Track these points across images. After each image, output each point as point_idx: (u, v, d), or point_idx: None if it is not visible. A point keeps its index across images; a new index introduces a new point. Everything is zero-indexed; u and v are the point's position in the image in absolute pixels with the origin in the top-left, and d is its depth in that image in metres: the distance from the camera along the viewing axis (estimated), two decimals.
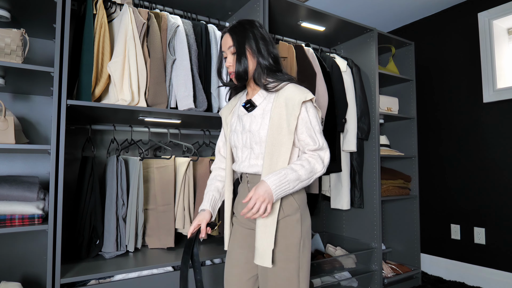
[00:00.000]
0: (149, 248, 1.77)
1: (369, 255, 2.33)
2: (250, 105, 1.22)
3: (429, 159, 2.90)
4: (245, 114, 1.24)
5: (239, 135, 1.23)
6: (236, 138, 1.25)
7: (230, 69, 1.21)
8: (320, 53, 2.44)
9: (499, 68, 2.51)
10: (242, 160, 1.22)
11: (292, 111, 1.13)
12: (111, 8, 1.64)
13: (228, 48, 1.21)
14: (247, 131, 1.20)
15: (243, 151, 1.22)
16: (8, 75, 1.43)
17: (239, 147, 1.24)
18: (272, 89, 1.19)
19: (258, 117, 1.19)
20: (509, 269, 2.35)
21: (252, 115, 1.21)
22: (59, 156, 1.34)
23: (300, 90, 1.16)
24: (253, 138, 1.18)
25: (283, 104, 1.14)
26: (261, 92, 1.24)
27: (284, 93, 1.17)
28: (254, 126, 1.18)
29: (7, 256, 1.66)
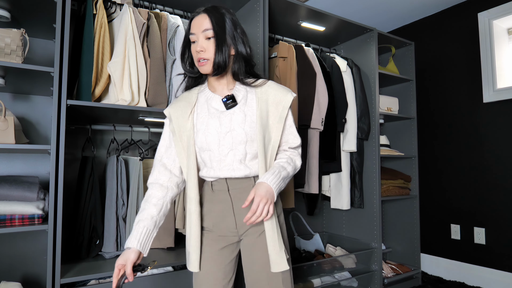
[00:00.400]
0: (149, 248, 1.77)
1: (369, 255, 2.33)
2: (232, 100, 1.08)
3: (429, 159, 2.90)
4: (222, 111, 1.08)
5: (214, 135, 1.06)
6: (211, 139, 1.06)
7: (203, 55, 1.03)
8: (320, 53, 2.44)
9: (499, 68, 2.51)
10: (224, 164, 1.07)
11: (282, 112, 1.09)
12: (111, 8, 1.64)
13: (203, 31, 1.03)
14: (229, 130, 1.06)
15: (221, 153, 1.06)
16: (8, 75, 1.43)
17: (214, 149, 1.06)
18: (252, 84, 1.11)
19: (240, 114, 1.07)
20: (509, 269, 2.35)
21: (234, 112, 1.07)
22: (59, 156, 1.34)
23: (285, 89, 1.12)
24: (237, 138, 1.05)
25: (269, 103, 1.09)
26: (238, 87, 1.12)
27: (268, 90, 1.11)
28: (238, 124, 1.06)
29: (7, 256, 1.66)
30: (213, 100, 1.11)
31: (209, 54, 1.03)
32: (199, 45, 1.03)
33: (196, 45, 1.04)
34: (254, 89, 1.11)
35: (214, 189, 1.11)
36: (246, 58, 1.10)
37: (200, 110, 1.11)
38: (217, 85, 1.12)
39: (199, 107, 1.12)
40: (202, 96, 1.14)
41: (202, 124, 1.08)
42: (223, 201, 1.10)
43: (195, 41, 1.05)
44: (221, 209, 1.10)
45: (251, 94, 1.11)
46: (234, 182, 1.09)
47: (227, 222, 1.10)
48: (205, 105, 1.11)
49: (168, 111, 1.14)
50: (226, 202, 1.09)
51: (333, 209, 2.70)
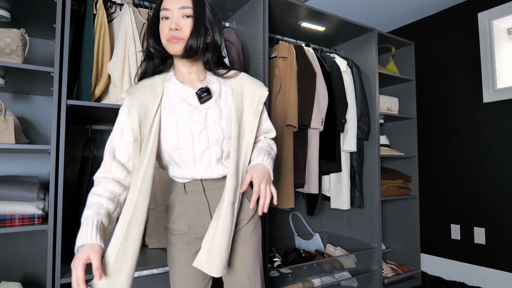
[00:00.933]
0: (149, 248, 1.77)
1: (369, 255, 2.33)
2: (207, 93, 0.97)
3: (429, 159, 2.90)
4: (196, 105, 0.97)
5: (187, 133, 0.95)
6: (184, 138, 0.95)
7: (177, 33, 0.92)
8: (320, 53, 2.44)
9: (499, 68, 2.51)
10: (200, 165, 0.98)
11: (258, 107, 1.03)
12: (111, 8, 1.64)
13: (180, 8, 0.92)
14: (204, 127, 0.95)
15: (196, 152, 0.96)
16: (8, 75, 1.43)
17: (187, 149, 0.96)
18: (225, 75, 1.03)
19: (215, 109, 0.98)
20: (509, 269, 2.35)
21: (209, 107, 0.97)
22: (59, 156, 1.34)
23: (259, 83, 1.07)
24: (213, 136, 0.96)
25: (245, 96, 1.03)
26: (211, 78, 1.03)
27: (242, 82, 1.04)
28: (213, 120, 0.96)
29: (7, 256, 1.66)
30: (184, 92, 0.98)
31: (184, 33, 0.93)
32: (174, 22, 0.92)
33: (170, 22, 0.93)
34: (228, 81, 1.04)
35: (187, 191, 1.02)
36: (219, 49, 1.02)
37: (168, 104, 0.97)
38: (186, 73, 1.01)
39: (167, 100, 0.98)
40: (169, 87, 1.00)
41: (172, 120, 0.95)
42: (198, 202, 1.02)
43: (168, 17, 0.94)
44: (196, 211, 1.02)
45: (224, 87, 1.03)
46: (210, 182, 1.01)
47: (203, 224, 1.02)
48: (174, 97, 0.98)
49: (130, 101, 0.94)
50: (202, 203, 1.02)
51: (333, 209, 2.70)
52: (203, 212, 1.03)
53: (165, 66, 1.05)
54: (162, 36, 0.95)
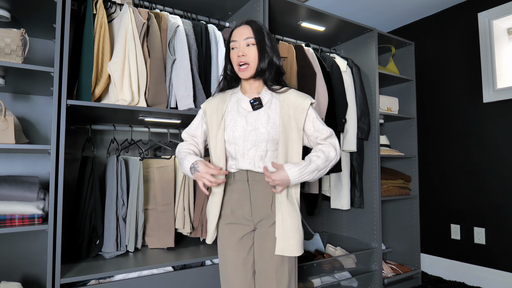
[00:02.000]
0: (149, 248, 1.77)
1: (369, 255, 2.33)
2: (258, 103, 1.23)
3: (429, 159, 2.90)
4: (250, 111, 1.24)
5: (240, 131, 1.21)
6: (237, 134, 1.21)
7: (243, 59, 1.20)
8: (320, 53, 2.44)
9: (499, 68, 2.51)
10: (246, 158, 1.21)
11: (301, 114, 1.22)
12: (111, 8, 1.64)
13: (245, 39, 1.20)
14: (253, 128, 1.20)
15: (245, 148, 1.21)
16: (8, 75, 1.43)
17: (239, 144, 1.21)
18: (278, 91, 1.26)
19: (264, 116, 1.22)
20: (509, 269, 2.35)
21: (259, 113, 1.23)
22: (59, 156, 1.34)
23: (304, 96, 1.25)
24: (260, 136, 1.20)
25: (291, 107, 1.23)
26: (265, 92, 1.27)
27: (289, 97, 1.25)
28: (262, 124, 1.21)
29: (7, 256, 1.66)
30: (242, 101, 1.26)
31: (249, 58, 1.20)
32: (240, 50, 1.20)
33: (238, 50, 1.21)
34: (278, 95, 1.26)
35: (235, 179, 1.25)
36: (278, 69, 1.26)
37: (230, 109, 1.27)
38: (248, 88, 1.28)
39: (230, 106, 1.28)
40: (234, 97, 1.29)
41: (231, 120, 1.24)
42: (242, 190, 1.24)
43: (235, 48, 1.22)
44: (239, 197, 1.24)
45: (275, 99, 1.26)
46: (254, 174, 1.23)
47: (243, 210, 1.24)
48: (235, 105, 1.27)
49: (204, 106, 1.31)
50: (244, 191, 1.24)
51: (333, 209, 2.70)
52: (244, 199, 1.24)
53: (236, 82, 1.34)
54: (233, 63, 1.25)
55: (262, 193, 1.23)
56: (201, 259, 1.65)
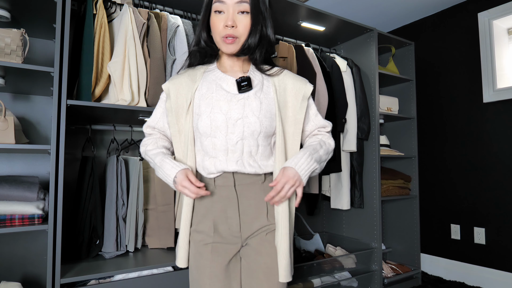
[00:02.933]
0: (149, 248, 1.77)
1: (369, 255, 2.33)
2: (247, 83, 0.94)
3: (429, 159, 2.90)
4: (234, 94, 0.94)
5: (221, 120, 0.92)
6: (217, 124, 0.92)
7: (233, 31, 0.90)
8: (320, 53, 2.44)
9: (499, 68, 2.51)
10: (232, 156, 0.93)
11: (302, 104, 0.99)
12: (111, 8, 1.64)
13: (237, 2, 0.90)
14: (241, 117, 0.92)
15: (229, 142, 0.92)
16: (8, 75, 1.43)
17: (220, 137, 0.92)
18: (267, 72, 1.00)
19: (255, 101, 0.94)
20: (509, 269, 2.35)
21: (248, 97, 0.94)
22: (59, 156, 1.34)
23: (302, 80, 1.02)
24: (250, 127, 0.92)
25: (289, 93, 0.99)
26: (254, 72, 1.00)
27: (284, 80, 1.00)
28: (252, 111, 0.92)
29: (7, 256, 1.66)
30: (223, 81, 0.97)
31: (239, 31, 0.91)
32: (230, 19, 0.89)
33: (226, 17, 0.90)
34: (271, 77, 1.00)
35: (216, 185, 0.95)
36: (271, 44, 0.99)
37: (206, 90, 0.96)
38: (230, 65, 1.00)
39: (204, 86, 0.97)
40: (209, 76, 0.99)
41: (207, 106, 0.93)
42: (227, 198, 0.94)
43: (222, 11, 0.91)
44: (223, 207, 0.95)
45: (267, 82, 0.99)
46: (242, 177, 0.94)
47: (229, 224, 0.95)
48: (213, 85, 0.96)
49: (167, 86, 0.98)
50: (231, 199, 0.94)
51: (333, 209, 2.70)
52: (230, 210, 0.95)
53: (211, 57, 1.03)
54: (215, 32, 0.93)
55: (254, 200, 0.95)
56: None
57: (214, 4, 0.92)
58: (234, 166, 0.93)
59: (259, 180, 0.96)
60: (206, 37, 0.97)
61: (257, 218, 0.95)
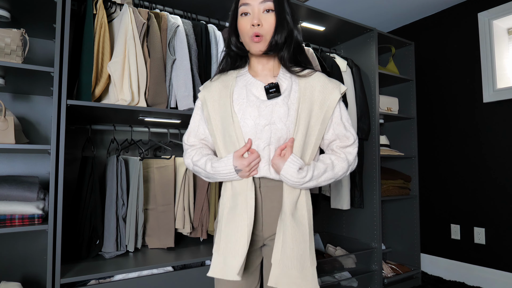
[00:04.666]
0: (149, 248, 1.77)
1: (369, 255, 2.33)
2: (275, 89, 0.94)
3: (429, 159, 2.90)
4: (263, 100, 0.95)
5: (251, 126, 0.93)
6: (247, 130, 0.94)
7: (259, 30, 0.92)
8: (320, 53, 2.44)
9: (499, 68, 2.51)
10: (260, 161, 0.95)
11: (327, 113, 0.96)
12: (111, 8, 1.64)
13: (261, 2, 0.92)
14: (268, 123, 0.92)
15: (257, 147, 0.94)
16: (8, 75, 1.43)
17: None
18: (299, 73, 0.97)
19: (283, 107, 0.93)
20: (509, 269, 2.35)
21: (277, 104, 0.94)
22: (59, 156, 1.34)
23: (334, 83, 0.97)
24: (277, 133, 0.92)
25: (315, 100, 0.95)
26: (284, 75, 0.99)
27: (312, 84, 0.96)
28: (279, 118, 0.92)
29: (7, 256, 1.66)
30: (253, 86, 0.98)
31: (265, 29, 0.92)
32: (255, 18, 0.91)
33: (252, 17, 0.92)
34: (299, 79, 0.97)
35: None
36: (299, 45, 0.99)
37: (237, 96, 0.97)
38: (260, 69, 1.00)
39: (236, 91, 0.98)
40: (241, 80, 1.00)
41: (239, 111, 0.95)
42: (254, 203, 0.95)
43: (248, 13, 0.93)
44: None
45: (295, 85, 0.97)
46: (267, 180, 0.97)
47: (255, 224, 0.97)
48: (244, 90, 0.97)
49: (203, 95, 1.01)
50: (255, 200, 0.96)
51: (333, 209, 2.70)
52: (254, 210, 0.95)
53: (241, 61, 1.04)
54: (243, 33, 0.95)
55: (276, 203, 0.97)
56: (201, 259, 1.65)
57: (240, 8, 0.95)
58: (261, 171, 0.95)
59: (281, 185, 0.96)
60: (235, 40, 0.99)
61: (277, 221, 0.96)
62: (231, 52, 1.02)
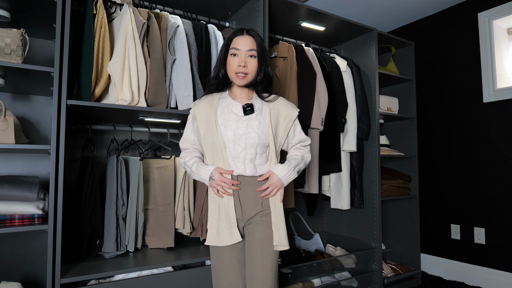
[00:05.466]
0: (149, 248, 1.77)
1: (369, 255, 2.33)
2: (250, 109, 1.28)
3: (429, 159, 2.90)
4: (241, 116, 1.28)
5: (230, 135, 1.25)
6: (228, 138, 1.25)
7: (243, 69, 1.24)
8: (320, 53, 2.44)
9: (499, 68, 2.51)
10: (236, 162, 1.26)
11: (288, 124, 1.33)
12: (111, 8, 1.64)
13: (248, 50, 1.25)
14: (244, 133, 1.25)
15: (236, 151, 1.25)
16: (8, 75, 1.43)
17: (229, 147, 1.26)
18: (266, 99, 1.33)
19: (255, 121, 1.27)
20: (509, 269, 2.35)
21: (251, 119, 1.27)
22: (59, 156, 1.34)
23: (291, 106, 1.35)
24: (251, 140, 1.25)
25: (280, 115, 1.32)
26: (256, 99, 1.33)
27: (277, 105, 1.33)
28: (253, 129, 1.26)
29: (7, 256, 1.66)
30: (233, 106, 1.30)
31: (249, 70, 1.25)
32: (242, 60, 1.24)
33: (239, 59, 1.24)
34: (268, 103, 1.32)
35: None
36: (270, 79, 1.34)
37: (220, 112, 1.29)
38: (239, 94, 1.33)
39: (219, 109, 1.30)
40: (223, 101, 1.32)
41: (221, 124, 1.27)
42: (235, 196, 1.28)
43: (236, 55, 1.25)
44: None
45: (265, 107, 1.32)
46: (242, 178, 1.27)
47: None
48: (226, 109, 1.30)
49: (193, 111, 1.33)
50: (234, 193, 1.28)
51: (333, 209, 2.70)
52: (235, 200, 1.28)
53: (224, 86, 1.35)
54: (230, 69, 1.27)
55: (252, 194, 1.28)
56: (201, 259, 1.65)
57: (231, 49, 1.27)
58: (240, 170, 1.26)
59: (254, 180, 1.29)
60: (223, 73, 1.31)
61: (254, 207, 1.28)
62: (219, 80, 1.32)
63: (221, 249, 1.28)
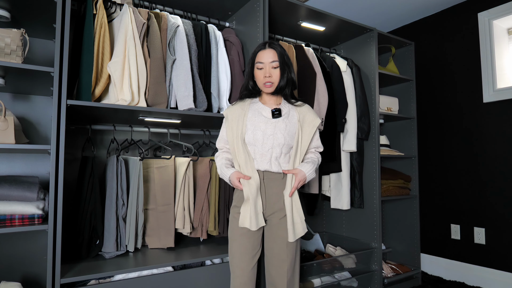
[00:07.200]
0: (149, 248, 1.77)
1: (369, 255, 2.33)
2: (278, 112, 1.44)
3: (429, 159, 2.90)
4: (269, 119, 1.43)
5: (259, 135, 1.40)
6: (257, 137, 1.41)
7: (269, 79, 1.41)
8: (320, 53, 2.44)
9: (499, 68, 2.51)
10: (263, 159, 1.41)
11: (312, 129, 1.48)
12: (111, 8, 1.64)
13: (271, 62, 1.40)
14: (272, 134, 1.40)
15: (263, 149, 1.40)
16: (8, 75, 1.43)
17: (258, 145, 1.41)
18: (294, 104, 1.49)
19: (282, 124, 1.43)
20: (509, 269, 2.35)
21: (278, 121, 1.43)
22: (59, 156, 1.34)
23: (315, 113, 1.51)
24: (277, 141, 1.40)
25: (306, 121, 1.48)
26: (284, 104, 1.49)
27: (303, 111, 1.49)
28: (280, 131, 1.41)
29: (7, 256, 1.66)
30: (263, 110, 1.46)
31: (273, 79, 1.41)
32: (267, 72, 1.41)
33: (264, 71, 1.41)
34: (295, 108, 1.49)
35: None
36: (294, 83, 1.48)
37: (251, 115, 1.45)
38: (268, 100, 1.49)
39: (250, 112, 1.46)
40: (254, 106, 1.48)
41: (252, 125, 1.43)
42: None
43: (261, 68, 1.42)
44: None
45: (293, 111, 1.48)
46: (269, 174, 1.43)
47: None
48: (256, 112, 1.46)
49: (226, 113, 1.50)
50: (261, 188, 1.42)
51: (333, 209, 2.70)
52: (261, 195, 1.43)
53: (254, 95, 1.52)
54: (258, 80, 1.45)
55: (276, 189, 1.43)
56: (201, 259, 1.65)
57: (256, 64, 1.44)
58: (265, 166, 1.42)
59: (280, 177, 1.44)
60: (252, 84, 1.49)
61: (277, 202, 1.43)
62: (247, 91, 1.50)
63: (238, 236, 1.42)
